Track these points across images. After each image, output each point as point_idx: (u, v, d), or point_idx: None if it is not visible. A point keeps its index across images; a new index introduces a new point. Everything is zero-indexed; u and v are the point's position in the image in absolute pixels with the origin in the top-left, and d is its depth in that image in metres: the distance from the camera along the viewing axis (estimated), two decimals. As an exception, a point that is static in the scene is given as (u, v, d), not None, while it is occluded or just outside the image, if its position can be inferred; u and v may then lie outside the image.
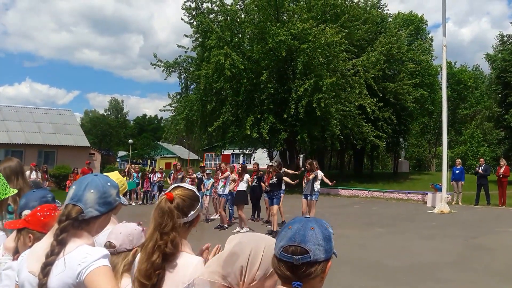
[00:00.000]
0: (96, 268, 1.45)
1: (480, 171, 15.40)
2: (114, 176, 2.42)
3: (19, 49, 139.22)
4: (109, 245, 1.83)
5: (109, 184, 1.65)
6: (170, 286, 1.54)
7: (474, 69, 45.26)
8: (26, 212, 1.88)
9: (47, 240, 1.54)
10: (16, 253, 1.84)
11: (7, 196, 2.31)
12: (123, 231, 1.86)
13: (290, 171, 12.74)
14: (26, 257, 1.59)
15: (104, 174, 2.22)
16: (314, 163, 10.93)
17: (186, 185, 1.71)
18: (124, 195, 11.84)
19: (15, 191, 2.41)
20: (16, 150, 26.66)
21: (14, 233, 1.90)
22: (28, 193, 2.18)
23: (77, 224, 1.55)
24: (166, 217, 1.57)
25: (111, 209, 1.64)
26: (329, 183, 11.08)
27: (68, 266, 1.45)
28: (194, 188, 1.71)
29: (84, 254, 1.47)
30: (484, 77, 45.54)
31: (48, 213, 1.80)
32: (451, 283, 6.13)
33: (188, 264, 1.57)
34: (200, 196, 1.69)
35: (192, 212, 1.65)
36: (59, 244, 1.49)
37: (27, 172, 15.70)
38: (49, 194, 2.22)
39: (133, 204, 17.58)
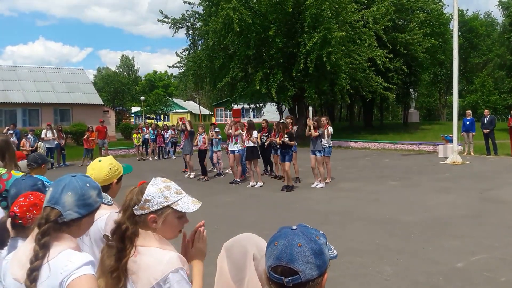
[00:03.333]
0: (77, 278, 1.40)
1: (485, 122, 15.53)
2: (108, 161, 2.34)
3: (31, 8, 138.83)
4: (107, 239, 1.74)
5: (88, 185, 1.58)
6: (142, 284, 1.51)
7: (486, 16, 43.83)
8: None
9: (28, 245, 1.49)
10: None
11: None
12: None
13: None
14: (9, 262, 1.53)
15: (99, 158, 2.32)
16: (323, 118, 10.83)
17: (160, 180, 1.65)
18: (142, 149, 12.39)
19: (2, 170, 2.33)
20: (32, 109, 27.51)
21: None
22: (17, 182, 2.08)
23: (58, 227, 1.50)
24: (124, 201, 1.60)
25: (92, 210, 1.59)
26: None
27: (52, 273, 1.41)
28: (162, 185, 1.63)
29: (66, 262, 1.42)
30: (497, 24, 44.22)
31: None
32: (468, 238, 5.97)
33: (159, 260, 1.52)
34: (154, 195, 1.60)
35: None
36: (42, 248, 1.44)
37: (43, 131, 16.41)
38: (39, 180, 2.11)
39: (150, 159, 18.48)
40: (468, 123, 16.03)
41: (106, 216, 2.14)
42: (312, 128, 10.29)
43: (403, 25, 26.73)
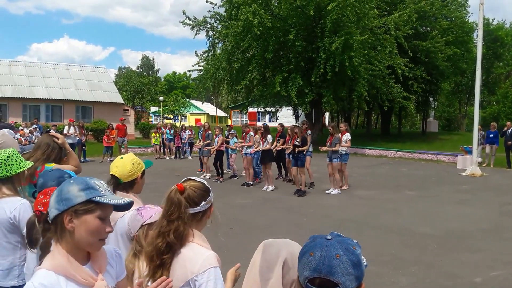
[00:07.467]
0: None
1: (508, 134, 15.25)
2: (130, 157, 2.39)
3: (57, 6, 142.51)
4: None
5: (72, 181, 1.46)
6: (179, 277, 1.57)
7: (512, 25, 42.94)
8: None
9: None
10: None
11: (22, 170, 2.32)
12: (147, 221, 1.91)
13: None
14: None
15: (121, 156, 2.39)
16: (342, 125, 10.84)
17: (197, 178, 1.76)
18: (160, 148, 12.59)
19: (31, 163, 2.39)
20: (55, 105, 28.17)
21: None
22: (45, 173, 2.13)
23: (47, 228, 1.45)
24: (173, 206, 1.62)
25: (71, 205, 1.39)
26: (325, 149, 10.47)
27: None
28: (204, 181, 1.76)
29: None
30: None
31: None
32: (486, 253, 5.79)
33: (198, 255, 1.59)
34: (210, 188, 1.76)
35: (203, 203, 1.69)
36: (41, 250, 1.46)
37: (66, 127, 16.84)
38: (66, 173, 2.13)
39: (167, 158, 18.75)
40: (491, 135, 15.86)
41: (130, 213, 2.14)
42: (327, 145, 10.35)
43: (425, 32, 26.40)
